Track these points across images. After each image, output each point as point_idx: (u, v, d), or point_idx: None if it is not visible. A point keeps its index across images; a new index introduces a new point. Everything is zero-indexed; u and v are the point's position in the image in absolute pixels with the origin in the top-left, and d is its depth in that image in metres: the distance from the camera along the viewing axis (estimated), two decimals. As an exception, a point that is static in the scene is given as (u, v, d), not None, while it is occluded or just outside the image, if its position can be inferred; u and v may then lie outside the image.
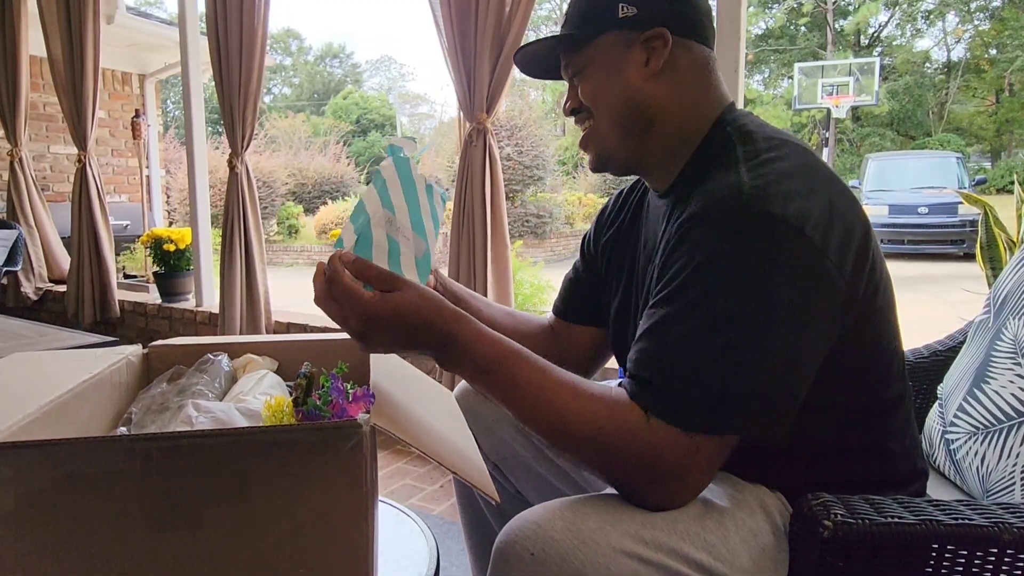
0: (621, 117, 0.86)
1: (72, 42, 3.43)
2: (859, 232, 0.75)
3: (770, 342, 0.68)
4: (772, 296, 0.69)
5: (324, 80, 36.73)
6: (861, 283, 0.75)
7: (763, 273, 0.69)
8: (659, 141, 0.86)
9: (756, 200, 0.71)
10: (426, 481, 2.25)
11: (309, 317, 3.01)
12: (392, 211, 0.78)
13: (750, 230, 0.70)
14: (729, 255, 0.70)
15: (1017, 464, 0.95)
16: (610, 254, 1.05)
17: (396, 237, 0.78)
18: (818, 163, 0.78)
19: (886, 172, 11.30)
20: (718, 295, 0.69)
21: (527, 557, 0.66)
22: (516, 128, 10.67)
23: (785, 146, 0.78)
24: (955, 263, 9.08)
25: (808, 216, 0.70)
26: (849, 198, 0.77)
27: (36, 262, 3.99)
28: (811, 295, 0.70)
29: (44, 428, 0.71)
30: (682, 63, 0.85)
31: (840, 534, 0.68)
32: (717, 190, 0.74)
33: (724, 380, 0.68)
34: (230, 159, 2.93)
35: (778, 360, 0.69)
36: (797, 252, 0.69)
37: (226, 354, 1.02)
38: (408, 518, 1.05)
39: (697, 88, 0.86)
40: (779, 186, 0.72)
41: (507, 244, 2.29)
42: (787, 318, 0.69)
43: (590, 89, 0.87)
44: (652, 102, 0.85)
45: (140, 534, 0.64)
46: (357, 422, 0.66)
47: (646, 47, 0.84)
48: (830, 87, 15.50)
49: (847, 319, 0.74)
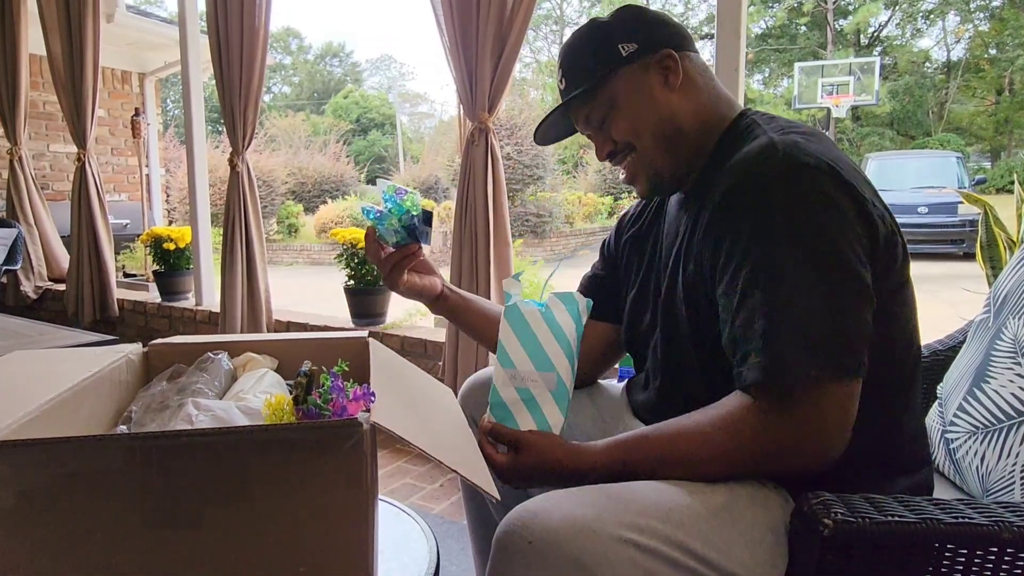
0: (662, 136, 0.92)
1: (72, 40, 3.43)
2: (880, 200, 0.80)
3: (839, 281, 0.72)
4: (828, 238, 0.72)
5: (324, 79, 36.70)
6: (894, 241, 0.79)
7: (814, 219, 0.73)
8: (692, 145, 0.92)
9: (793, 156, 0.75)
10: (426, 480, 2.25)
11: (309, 316, 3.01)
12: (513, 366, 0.88)
13: (793, 182, 0.74)
14: (779, 210, 0.74)
15: (1017, 463, 0.95)
16: (629, 251, 1.09)
17: (525, 386, 0.88)
18: (838, 149, 0.83)
19: (886, 172, 11.29)
20: (781, 253, 0.73)
21: (525, 546, 0.68)
22: (516, 127, 10.66)
23: (807, 128, 0.84)
24: (955, 263, 9.08)
25: (842, 168, 0.76)
26: (866, 177, 0.82)
27: (36, 261, 3.99)
28: (858, 234, 0.74)
29: (44, 426, 0.71)
30: (691, 73, 0.93)
31: (840, 533, 0.68)
32: (751, 156, 0.79)
33: (815, 328, 0.71)
34: (231, 158, 2.93)
35: (849, 297, 0.72)
36: (841, 194, 0.74)
37: (226, 352, 1.02)
38: (408, 517, 1.05)
39: (710, 90, 0.94)
40: (808, 145, 0.77)
41: (509, 243, 2.29)
42: (849, 255, 0.73)
43: (625, 123, 0.93)
44: (683, 114, 0.92)
45: (140, 532, 0.64)
46: (357, 421, 0.66)
47: (660, 69, 0.91)
48: (830, 87, 15.50)
49: (889, 271, 0.78)
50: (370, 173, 21.14)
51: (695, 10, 24.84)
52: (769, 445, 0.74)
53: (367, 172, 19.75)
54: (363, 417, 0.67)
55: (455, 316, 1.17)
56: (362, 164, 19.50)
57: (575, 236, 11.95)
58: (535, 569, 0.67)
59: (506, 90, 2.21)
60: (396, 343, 2.65)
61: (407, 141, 28.44)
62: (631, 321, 1.04)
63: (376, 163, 25.52)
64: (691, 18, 24.24)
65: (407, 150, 23.77)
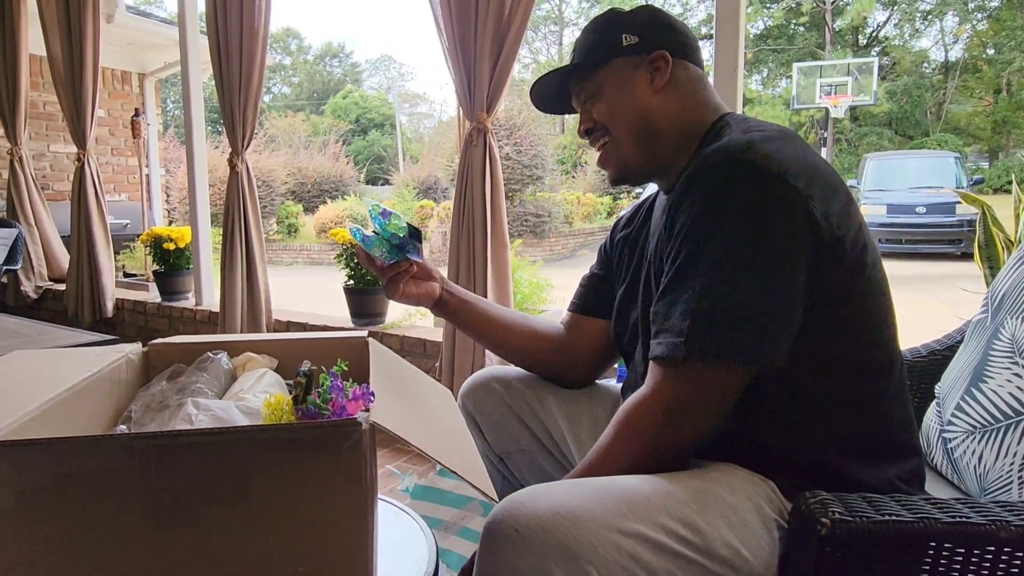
0: (634, 129, 0.97)
1: (72, 41, 3.43)
2: (841, 196, 0.82)
3: (759, 273, 0.76)
4: (758, 234, 0.76)
5: (324, 79, 36.67)
6: (848, 236, 0.80)
7: (748, 216, 0.77)
8: (668, 146, 0.96)
9: (741, 153, 0.79)
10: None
11: (309, 316, 3.01)
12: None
13: (735, 180, 0.78)
14: (716, 204, 0.78)
15: (1015, 463, 0.95)
16: (621, 251, 1.13)
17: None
18: (806, 146, 0.85)
19: (884, 172, 11.30)
20: (710, 243, 0.78)
21: (512, 534, 0.69)
22: (515, 127, 10.66)
23: (777, 129, 0.87)
24: (952, 263, 9.08)
25: (789, 167, 0.78)
26: (832, 174, 0.83)
27: (36, 261, 3.99)
28: (796, 236, 0.77)
29: (44, 426, 0.71)
30: (681, 79, 0.97)
31: (838, 532, 0.68)
32: (708, 155, 0.82)
33: (724, 308, 0.76)
34: (230, 158, 2.93)
35: (769, 288, 0.76)
36: (780, 195, 0.77)
37: (226, 352, 1.02)
38: (408, 517, 1.05)
39: (696, 99, 0.97)
40: (764, 145, 0.80)
41: (507, 244, 2.29)
42: (775, 252, 0.76)
43: (605, 108, 0.98)
44: (660, 114, 0.96)
45: (140, 532, 0.64)
46: (356, 420, 0.66)
47: (650, 68, 0.96)
48: (828, 87, 15.48)
49: (836, 269, 0.79)
50: (369, 173, 21.14)
51: (693, 11, 24.85)
52: (659, 409, 0.80)
53: (367, 172, 19.75)
54: (362, 417, 0.68)
55: (454, 318, 1.20)
56: (362, 164, 19.50)
57: (574, 236, 11.95)
58: (522, 557, 0.68)
59: (505, 90, 2.21)
60: (395, 343, 2.65)
61: (406, 141, 28.41)
62: (619, 314, 1.08)
63: (375, 163, 25.50)
64: (689, 19, 24.19)
65: (406, 150, 23.74)
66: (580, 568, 0.67)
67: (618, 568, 0.69)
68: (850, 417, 0.84)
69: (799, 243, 0.77)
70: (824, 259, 0.78)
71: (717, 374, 0.78)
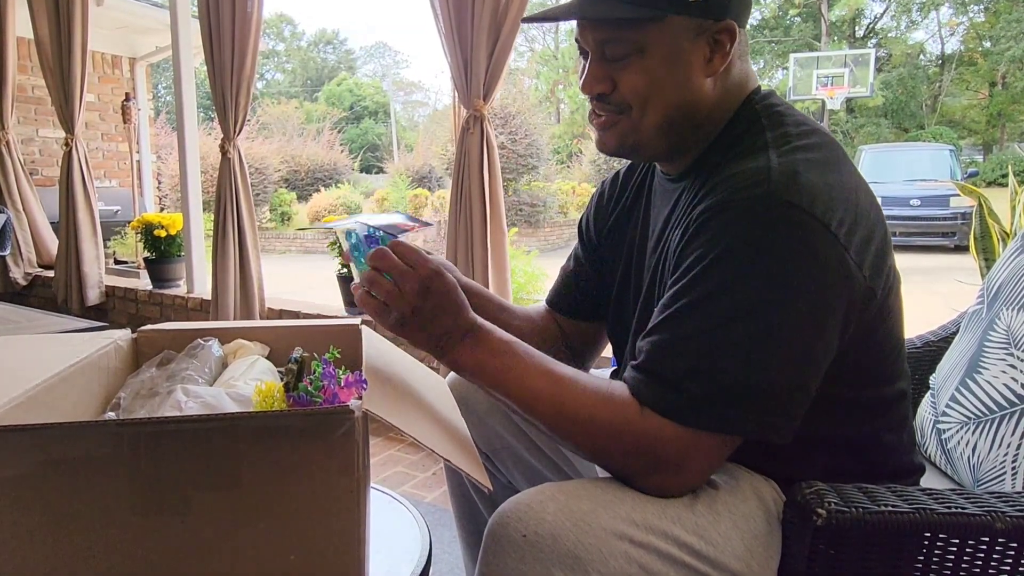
0: (668, 117, 0.79)
1: (60, 23, 3.37)
2: (879, 233, 0.75)
3: (785, 338, 0.67)
4: (792, 291, 0.67)
5: (317, 66, 36.40)
6: (880, 284, 0.75)
7: (784, 266, 0.67)
8: (695, 136, 0.83)
9: (783, 191, 0.68)
10: (419, 468, 2.24)
11: (302, 304, 3.00)
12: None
13: (774, 222, 0.68)
14: (751, 246, 0.68)
15: (1008, 454, 0.95)
16: (610, 238, 1.03)
17: None
18: (845, 158, 0.78)
19: (880, 164, 11.31)
20: (736, 287, 0.68)
21: (519, 539, 0.67)
22: (510, 116, 10.61)
23: (815, 134, 0.77)
24: (946, 255, 9.12)
25: (834, 212, 0.69)
26: (872, 198, 0.76)
27: (24, 247, 3.95)
28: (830, 291, 0.69)
29: (30, 412, 0.70)
30: (735, 61, 0.80)
31: (833, 522, 0.68)
32: (743, 176, 0.72)
33: (735, 377, 0.67)
34: (222, 144, 2.90)
35: (792, 358, 0.68)
36: (820, 247, 0.68)
37: (216, 339, 1.00)
38: (400, 505, 1.05)
39: (737, 79, 0.82)
40: (808, 177, 0.70)
41: (504, 231, 2.28)
42: (805, 314, 0.68)
43: (641, 83, 0.77)
44: (703, 104, 0.80)
45: (128, 520, 0.63)
46: (349, 408, 0.65)
47: (710, 40, 0.77)
48: (825, 78, 15.49)
49: (863, 317, 0.73)
50: (364, 162, 21.02)
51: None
52: (624, 435, 0.71)
53: (361, 160, 19.64)
54: (355, 404, 0.67)
55: None
56: (356, 152, 19.38)
57: (569, 226, 11.93)
58: (528, 562, 0.66)
59: (501, 77, 2.19)
60: (389, 332, 2.64)
61: (401, 129, 28.28)
62: (615, 315, 1.01)
63: (370, 151, 25.35)
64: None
65: (401, 138, 23.64)
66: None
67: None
68: (849, 451, 0.80)
69: (832, 304, 0.69)
70: (853, 313, 0.72)
71: (716, 441, 0.70)
